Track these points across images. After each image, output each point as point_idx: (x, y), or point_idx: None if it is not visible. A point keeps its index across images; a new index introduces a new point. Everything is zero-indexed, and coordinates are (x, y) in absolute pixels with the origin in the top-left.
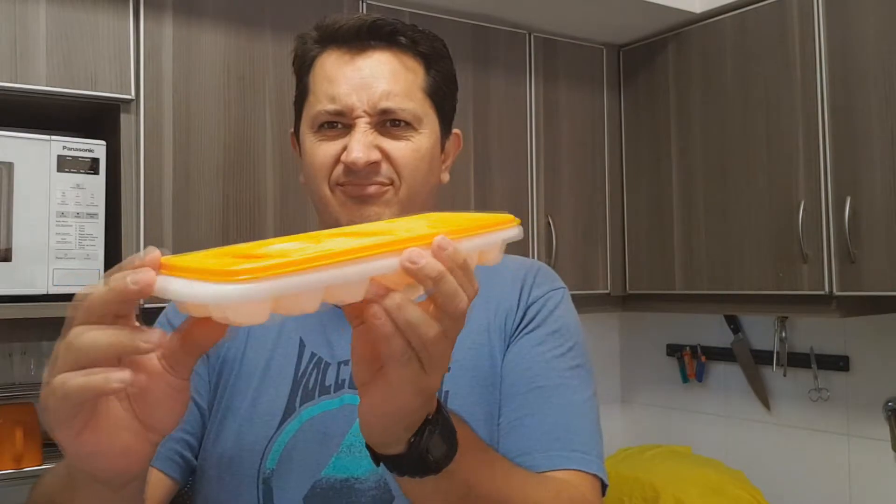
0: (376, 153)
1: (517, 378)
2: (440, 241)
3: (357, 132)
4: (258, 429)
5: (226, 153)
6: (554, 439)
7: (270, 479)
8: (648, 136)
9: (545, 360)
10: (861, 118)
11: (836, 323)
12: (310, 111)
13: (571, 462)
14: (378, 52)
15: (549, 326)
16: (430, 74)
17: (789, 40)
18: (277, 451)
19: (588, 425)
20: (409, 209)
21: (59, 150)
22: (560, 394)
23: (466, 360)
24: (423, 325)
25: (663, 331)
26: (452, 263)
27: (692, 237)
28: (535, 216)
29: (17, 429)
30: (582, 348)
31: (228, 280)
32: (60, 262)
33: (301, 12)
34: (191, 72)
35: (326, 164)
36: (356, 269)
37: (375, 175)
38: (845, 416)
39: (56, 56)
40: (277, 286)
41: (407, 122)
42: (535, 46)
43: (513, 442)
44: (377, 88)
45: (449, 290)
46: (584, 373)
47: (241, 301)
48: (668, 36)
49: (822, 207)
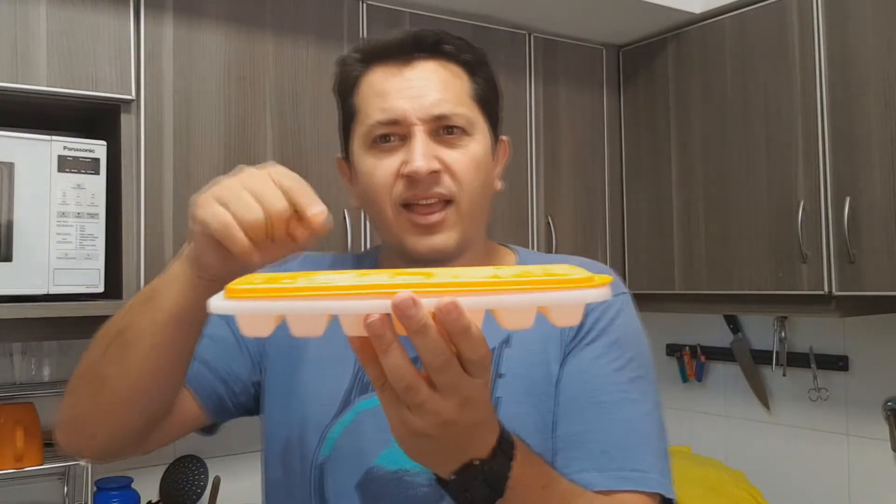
0: (436, 163)
1: (576, 392)
2: (402, 297)
3: (416, 141)
4: (317, 417)
5: (226, 153)
6: (612, 458)
7: (324, 466)
8: (648, 136)
9: (604, 373)
10: (860, 118)
11: (835, 323)
12: (361, 128)
13: (629, 482)
14: (424, 62)
15: (609, 337)
16: (476, 82)
17: (789, 41)
18: (332, 440)
19: (648, 441)
20: (471, 222)
21: (60, 151)
22: (620, 409)
23: (521, 369)
24: (399, 370)
25: (663, 330)
26: (416, 323)
27: (692, 237)
28: (535, 216)
29: (17, 429)
30: (643, 358)
31: (230, 296)
32: (61, 262)
33: (301, 12)
34: (191, 72)
35: (387, 181)
36: (319, 305)
37: (436, 185)
38: (845, 416)
39: (57, 56)
40: (248, 307)
41: (461, 127)
42: (535, 46)
43: (570, 458)
44: (429, 96)
45: (427, 345)
46: (645, 384)
47: (233, 313)
48: (667, 36)
49: (821, 207)
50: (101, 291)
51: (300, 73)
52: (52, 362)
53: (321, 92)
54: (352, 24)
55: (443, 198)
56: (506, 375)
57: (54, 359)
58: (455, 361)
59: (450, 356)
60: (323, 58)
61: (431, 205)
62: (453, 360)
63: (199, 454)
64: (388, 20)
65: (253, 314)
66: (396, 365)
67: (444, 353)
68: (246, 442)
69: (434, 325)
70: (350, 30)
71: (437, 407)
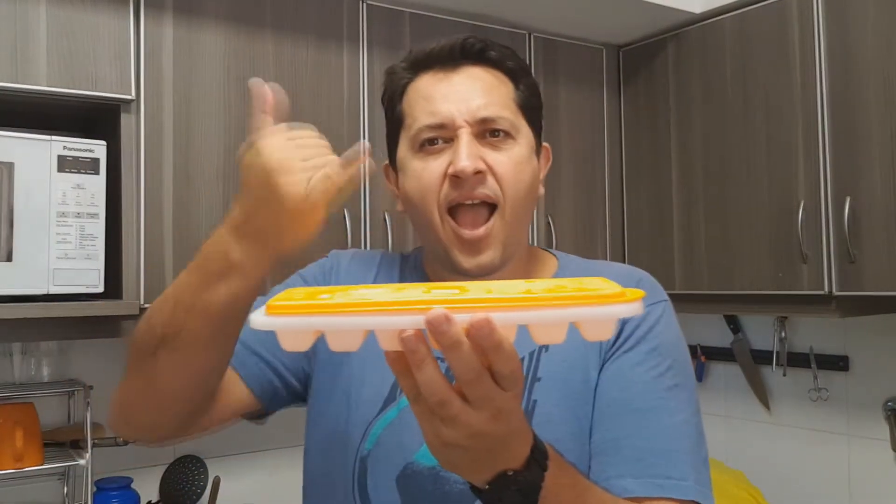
0: (482, 163)
1: (613, 399)
2: (436, 314)
3: (462, 142)
4: (362, 411)
5: (226, 153)
6: (648, 465)
7: (367, 459)
8: (648, 136)
9: (643, 381)
10: (861, 118)
11: (835, 323)
12: (409, 133)
13: (664, 490)
14: (470, 68)
15: (648, 344)
16: (520, 89)
17: (789, 41)
18: (375, 434)
19: (685, 448)
20: (514, 230)
21: (60, 151)
22: (657, 416)
23: (558, 374)
24: (433, 385)
25: None
26: (449, 339)
27: (692, 237)
28: (535, 216)
29: (17, 429)
30: (682, 366)
31: (270, 312)
32: (61, 262)
33: (301, 12)
34: (191, 72)
35: (434, 182)
36: (356, 321)
37: (481, 186)
38: (845, 416)
39: (56, 56)
40: (287, 323)
41: (506, 131)
42: (535, 46)
43: (606, 463)
44: (475, 100)
45: (460, 360)
46: (684, 392)
47: (273, 328)
48: (667, 36)
49: (821, 207)
50: (100, 291)
51: (300, 73)
52: (51, 362)
53: (321, 92)
54: (352, 24)
55: (487, 199)
56: (543, 379)
57: (54, 359)
58: (487, 375)
59: (482, 370)
60: (323, 58)
61: (476, 207)
62: (485, 374)
63: (199, 454)
64: (388, 20)
65: (292, 330)
66: (430, 379)
67: (476, 367)
68: (246, 442)
69: (467, 341)
70: (350, 30)
71: (470, 419)
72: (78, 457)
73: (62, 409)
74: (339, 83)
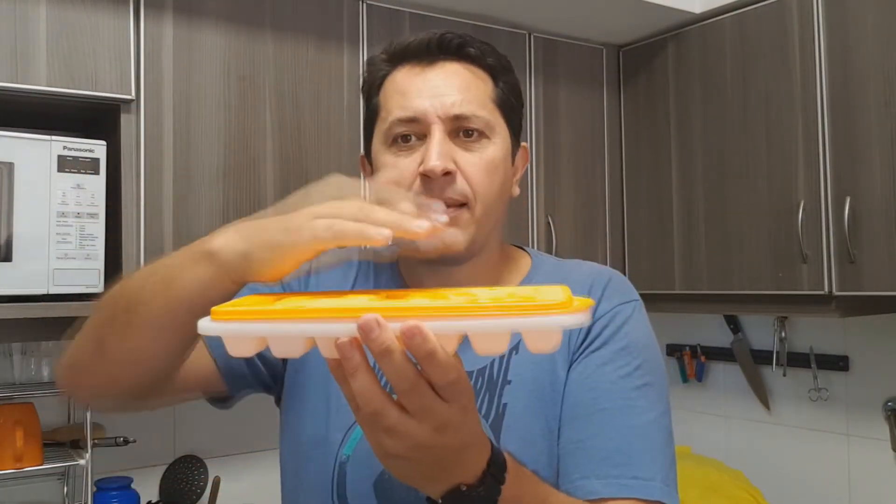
0: (452, 163)
1: (580, 399)
2: (366, 320)
3: (433, 139)
4: (340, 418)
5: (226, 153)
6: (613, 465)
7: (346, 465)
8: (648, 136)
9: (610, 380)
10: (861, 118)
11: (835, 323)
12: (382, 126)
13: (630, 490)
14: (448, 63)
15: (616, 344)
16: (499, 86)
17: (789, 41)
18: (354, 440)
19: (652, 448)
20: (483, 226)
21: (60, 151)
22: (623, 416)
23: (527, 374)
24: (366, 394)
25: (663, 331)
26: (379, 346)
27: (692, 237)
28: (535, 216)
29: (17, 429)
30: (652, 365)
31: (215, 318)
32: (61, 262)
33: (301, 12)
34: (191, 72)
35: (405, 180)
36: (294, 327)
37: (450, 187)
38: (845, 416)
39: (56, 56)
40: (229, 329)
41: (479, 130)
42: (535, 46)
43: (572, 465)
44: (449, 96)
45: (392, 368)
46: (652, 392)
47: (217, 334)
48: (667, 36)
49: (821, 208)
50: (100, 291)
51: (300, 73)
52: (51, 362)
53: (321, 92)
54: (351, 24)
55: (455, 203)
56: (513, 382)
57: (54, 359)
58: (424, 385)
59: (416, 380)
60: (323, 58)
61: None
62: (421, 383)
63: (199, 454)
64: (388, 20)
65: (235, 335)
66: (364, 388)
67: (410, 377)
68: (246, 442)
69: (399, 348)
70: (350, 30)
71: (410, 430)
72: (78, 457)
73: (62, 409)
74: (339, 83)
